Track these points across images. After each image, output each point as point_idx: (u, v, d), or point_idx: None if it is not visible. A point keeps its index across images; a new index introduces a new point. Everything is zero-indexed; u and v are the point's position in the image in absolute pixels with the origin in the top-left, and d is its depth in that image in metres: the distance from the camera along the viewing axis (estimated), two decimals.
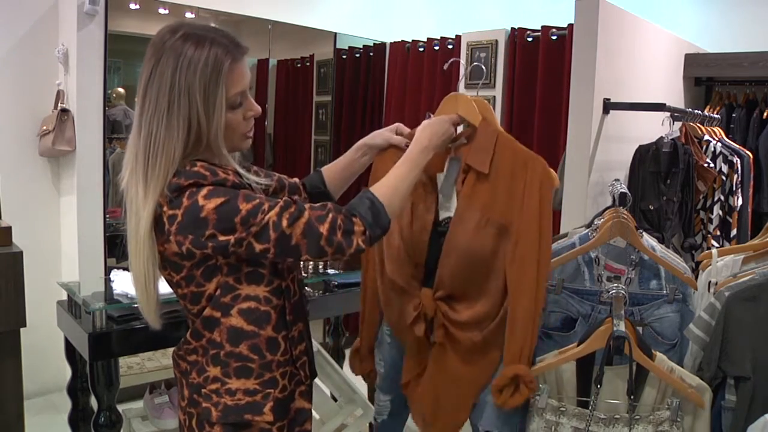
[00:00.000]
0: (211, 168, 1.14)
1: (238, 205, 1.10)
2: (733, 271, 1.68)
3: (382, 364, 1.67)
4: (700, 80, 3.02)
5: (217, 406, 1.19)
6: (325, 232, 1.13)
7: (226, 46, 1.14)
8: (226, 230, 1.10)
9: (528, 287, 1.40)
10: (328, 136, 4.11)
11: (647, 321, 1.62)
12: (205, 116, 1.12)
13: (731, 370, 1.43)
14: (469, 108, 1.47)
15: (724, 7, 3.24)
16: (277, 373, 1.22)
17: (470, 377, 1.50)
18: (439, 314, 1.47)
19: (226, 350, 1.20)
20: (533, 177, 1.39)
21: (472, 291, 1.45)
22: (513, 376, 1.40)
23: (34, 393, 2.89)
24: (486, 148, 1.42)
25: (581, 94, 2.22)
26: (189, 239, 1.12)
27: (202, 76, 1.11)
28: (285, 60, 4.10)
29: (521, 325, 1.41)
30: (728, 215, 2.48)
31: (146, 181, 1.12)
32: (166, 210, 1.12)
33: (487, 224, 1.41)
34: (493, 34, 3.31)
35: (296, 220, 1.12)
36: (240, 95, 1.17)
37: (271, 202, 1.13)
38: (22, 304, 1.83)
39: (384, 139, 1.52)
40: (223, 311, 1.19)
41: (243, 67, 1.17)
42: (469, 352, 1.48)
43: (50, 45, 2.99)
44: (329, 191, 1.53)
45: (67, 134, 2.90)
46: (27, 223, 2.72)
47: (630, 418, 1.39)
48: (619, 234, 1.61)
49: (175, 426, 2.51)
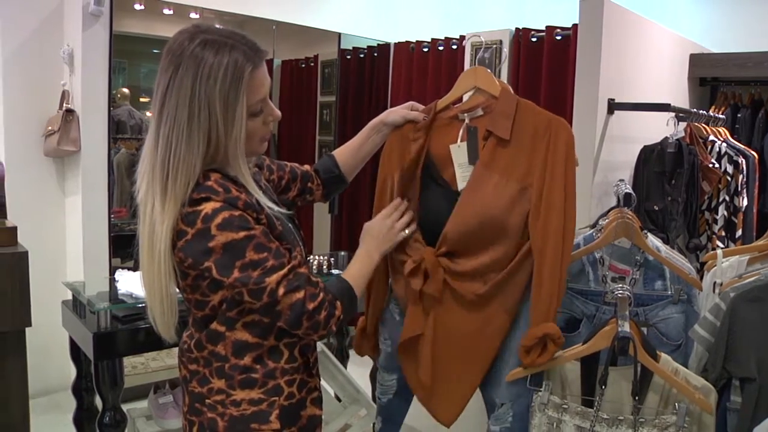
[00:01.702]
0: (225, 184, 1.12)
1: (245, 251, 1.10)
2: (739, 272, 1.67)
3: (388, 343, 1.63)
4: (705, 80, 3.00)
5: (223, 417, 1.19)
6: (310, 308, 1.15)
7: (246, 52, 1.11)
8: (224, 269, 1.10)
9: (554, 242, 1.39)
10: (332, 136, 4.11)
11: (652, 322, 1.61)
12: (224, 128, 1.09)
13: (737, 372, 1.42)
14: (488, 80, 1.49)
15: (729, 6, 3.23)
16: (282, 380, 1.22)
17: (475, 341, 1.47)
18: (439, 269, 1.45)
19: (231, 363, 1.19)
20: (557, 135, 1.40)
21: (477, 247, 1.43)
22: (542, 335, 1.38)
23: (39, 392, 2.90)
24: (507, 114, 1.43)
25: (586, 94, 2.21)
26: (189, 261, 1.12)
27: (222, 86, 1.08)
28: (289, 60, 4.11)
29: (548, 281, 1.39)
30: (733, 216, 2.47)
31: (164, 196, 1.10)
32: (179, 223, 1.10)
33: (507, 185, 1.41)
34: (497, 34, 3.30)
35: (291, 292, 1.13)
36: (261, 102, 1.16)
37: (278, 261, 1.12)
38: (27, 303, 1.84)
39: (400, 115, 1.53)
40: (228, 326, 1.19)
41: (263, 73, 1.15)
42: (472, 306, 1.45)
43: (55, 45, 3.01)
44: (343, 174, 1.55)
45: (72, 134, 2.91)
46: (32, 223, 2.73)
47: (634, 420, 1.39)
48: (623, 234, 1.61)
49: (179, 426, 2.51)
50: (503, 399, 1.49)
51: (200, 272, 1.13)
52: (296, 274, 1.15)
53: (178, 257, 1.13)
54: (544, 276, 1.40)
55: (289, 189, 1.49)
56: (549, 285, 1.39)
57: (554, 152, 1.40)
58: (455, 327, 1.48)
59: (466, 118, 1.49)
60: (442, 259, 1.45)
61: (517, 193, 1.41)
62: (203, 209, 1.09)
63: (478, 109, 1.49)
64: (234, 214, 1.10)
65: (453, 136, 1.50)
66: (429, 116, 1.51)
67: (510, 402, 1.48)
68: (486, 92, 1.49)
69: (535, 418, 1.47)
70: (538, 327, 1.39)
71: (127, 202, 3.41)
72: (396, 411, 1.69)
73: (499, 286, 1.43)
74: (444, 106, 1.53)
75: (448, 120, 1.52)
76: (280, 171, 1.47)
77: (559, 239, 1.39)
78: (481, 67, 1.51)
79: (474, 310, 1.46)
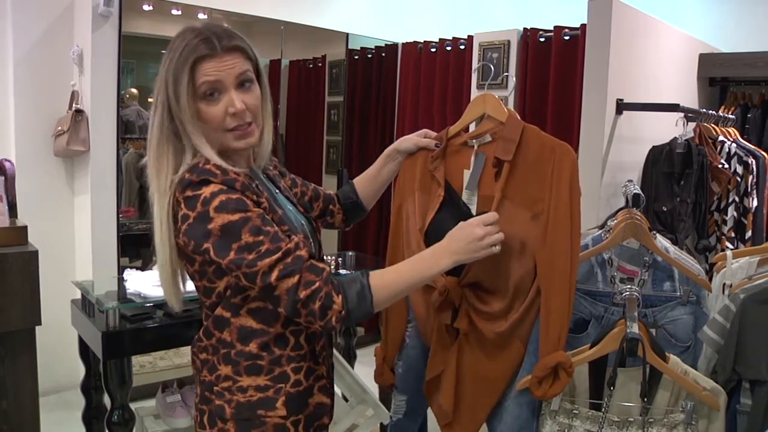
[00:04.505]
0: (222, 167, 1.16)
1: (241, 233, 1.11)
2: (749, 273, 1.66)
3: (400, 364, 1.66)
4: (714, 80, 2.99)
5: (230, 403, 1.21)
6: (303, 297, 1.12)
7: (209, 39, 1.16)
8: (221, 251, 1.12)
9: (561, 271, 1.38)
10: (340, 136, 4.12)
11: (660, 323, 1.60)
12: (175, 102, 1.16)
13: (747, 373, 1.41)
14: (496, 106, 1.50)
15: (738, 6, 3.21)
16: (288, 367, 1.23)
17: (494, 373, 1.48)
18: (465, 303, 1.45)
19: (237, 349, 1.21)
20: (561, 161, 1.40)
21: (500, 281, 1.43)
22: (555, 365, 1.38)
23: (49, 390, 2.91)
24: (512, 139, 1.44)
25: (594, 95, 2.21)
26: (192, 244, 1.15)
27: (176, 63, 1.15)
28: (297, 60, 4.11)
29: (556, 310, 1.39)
30: (743, 216, 2.45)
31: (158, 168, 1.18)
32: (182, 207, 1.14)
33: (519, 213, 1.41)
34: (505, 34, 3.30)
35: (286, 277, 1.12)
36: (210, 85, 1.17)
37: (273, 245, 1.12)
38: (37, 302, 1.85)
39: (413, 142, 1.55)
40: (233, 311, 1.21)
41: (222, 62, 1.17)
42: (493, 344, 1.46)
43: (65, 46, 3.02)
44: (362, 201, 1.57)
45: (81, 134, 2.93)
46: (42, 223, 2.74)
47: (644, 420, 1.38)
48: (632, 235, 1.60)
49: (187, 425, 2.53)
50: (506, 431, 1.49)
51: (203, 257, 1.16)
52: (294, 257, 1.13)
53: (183, 241, 1.16)
54: (552, 305, 1.39)
55: (312, 208, 1.52)
56: (558, 314, 1.39)
57: (559, 178, 1.39)
58: (477, 361, 1.49)
59: (475, 144, 1.51)
60: (467, 291, 1.45)
61: (529, 221, 1.41)
62: (202, 193, 1.13)
63: (486, 135, 1.50)
64: (231, 197, 1.13)
65: (465, 162, 1.52)
66: (442, 143, 1.53)
67: None
68: (495, 119, 1.50)
69: (546, 426, 1.47)
70: (550, 357, 1.38)
71: (135, 201, 3.43)
72: (405, 430, 1.71)
73: (519, 323, 1.44)
74: (455, 133, 1.55)
75: (459, 147, 1.53)
76: (303, 186, 1.51)
77: (566, 267, 1.38)
78: (490, 94, 1.53)
79: (495, 346, 1.47)
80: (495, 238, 1.27)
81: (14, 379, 1.84)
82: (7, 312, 1.80)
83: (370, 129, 4.10)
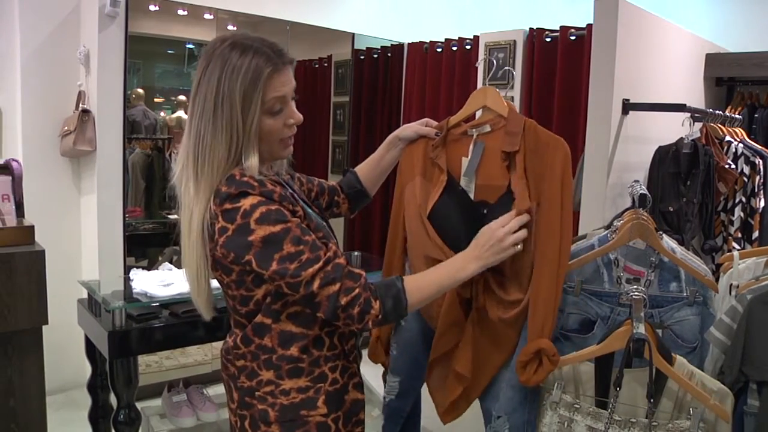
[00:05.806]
0: (259, 179, 1.18)
1: (283, 243, 1.15)
2: (756, 274, 1.65)
3: (394, 346, 1.69)
4: (721, 80, 2.98)
5: (273, 407, 1.25)
6: (344, 303, 1.18)
7: (269, 55, 1.19)
8: (263, 261, 1.16)
9: (550, 259, 1.42)
10: (346, 136, 4.12)
11: (667, 324, 1.60)
12: (242, 121, 1.18)
13: (754, 375, 1.40)
14: (497, 100, 1.55)
15: (745, 6, 3.19)
16: (326, 367, 1.28)
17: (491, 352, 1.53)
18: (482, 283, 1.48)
19: (278, 354, 1.25)
20: (554, 154, 1.44)
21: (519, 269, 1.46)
22: (536, 350, 1.41)
23: (55, 389, 2.93)
24: (516, 132, 1.48)
25: (600, 95, 2.20)
26: (231, 256, 1.18)
27: (243, 83, 1.17)
28: (303, 61, 4.12)
29: (543, 300, 1.42)
30: (750, 217, 2.44)
31: (197, 179, 1.19)
32: (220, 219, 1.17)
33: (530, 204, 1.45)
34: (511, 34, 3.29)
35: (327, 285, 1.17)
36: (278, 101, 1.22)
37: (314, 254, 1.17)
38: (44, 302, 1.86)
39: (414, 130, 1.60)
40: (273, 317, 1.25)
41: (284, 76, 1.22)
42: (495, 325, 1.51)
43: (72, 46, 3.04)
44: (365, 189, 1.63)
45: (87, 134, 2.94)
46: (48, 222, 2.76)
47: (648, 423, 1.38)
48: (638, 236, 1.60)
49: (192, 424, 2.53)
50: (500, 412, 1.52)
51: (243, 267, 1.19)
52: (334, 265, 1.19)
53: (221, 253, 1.18)
54: (539, 295, 1.43)
55: (318, 202, 1.55)
56: (545, 303, 1.43)
57: (552, 171, 1.43)
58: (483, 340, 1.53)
59: (474, 133, 1.55)
60: (489, 276, 1.48)
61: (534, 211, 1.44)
62: (242, 205, 1.15)
63: (486, 125, 1.55)
64: (271, 208, 1.16)
65: (464, 150, 1.56)
66: (442, 132, 1.57)
67: (506, 415, 1.51)
68: (494, 111, 1.55)
69: (546, 417, 1.47)
70: (533, 342, 1.42)
71: (141, 201, 3.44)
72: (397, 412, 1.73)
73: (521, 312, 1.47)
74: (455, 123, 1.59)
75: (459, 135, 1.58)
76: (309, 183, 1.54)
77: (555, 257, 1.42)
78: (491, 87, 1.58)
79: (497, 329, 1.51)
80: (516, 237, 1.35)
81: (21, 378, 1.85)
82: (14, 311, 1.81)
83: (375, 129, 4.10)
